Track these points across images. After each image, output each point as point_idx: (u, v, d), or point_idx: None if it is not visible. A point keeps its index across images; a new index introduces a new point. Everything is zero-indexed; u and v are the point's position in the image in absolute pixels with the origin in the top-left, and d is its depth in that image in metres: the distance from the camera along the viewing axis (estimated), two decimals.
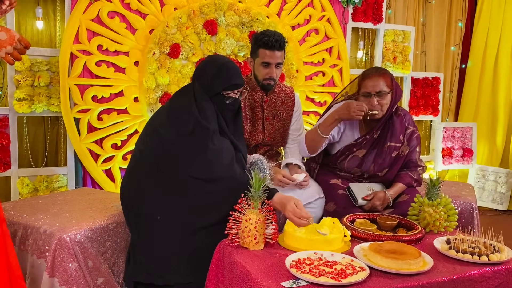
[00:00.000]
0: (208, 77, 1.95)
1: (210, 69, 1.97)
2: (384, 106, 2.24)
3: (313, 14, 3.75)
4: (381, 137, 2.33)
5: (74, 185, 3.14)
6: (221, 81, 1.94)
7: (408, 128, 2.36)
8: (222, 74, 1.95)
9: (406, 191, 2.29)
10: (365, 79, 2.27)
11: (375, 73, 2.25)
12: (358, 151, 2.34)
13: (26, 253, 1.90)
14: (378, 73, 2.26)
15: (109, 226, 2.00)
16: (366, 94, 2.24)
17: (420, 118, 4.53)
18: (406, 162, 2.37)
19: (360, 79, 2.32)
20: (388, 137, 2.31)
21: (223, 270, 1.67)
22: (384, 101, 2.23)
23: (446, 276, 1.49)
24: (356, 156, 2.34)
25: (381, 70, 2.30)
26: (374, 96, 2.21)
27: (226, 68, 1.97)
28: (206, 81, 1.95)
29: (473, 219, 2.68)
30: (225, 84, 1.95)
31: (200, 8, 3.28)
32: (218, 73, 1.95)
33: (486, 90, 4.65)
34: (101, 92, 3.10)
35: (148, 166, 1.92)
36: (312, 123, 3.82)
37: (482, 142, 4.72)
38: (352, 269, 1.46)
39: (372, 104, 2.21)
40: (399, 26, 4.30)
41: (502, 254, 1.64)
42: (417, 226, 1.90)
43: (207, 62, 2.03)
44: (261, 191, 1.68)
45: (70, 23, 2.97)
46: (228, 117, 2.03)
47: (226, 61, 2.01)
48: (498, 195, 4.48)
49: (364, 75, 2.30)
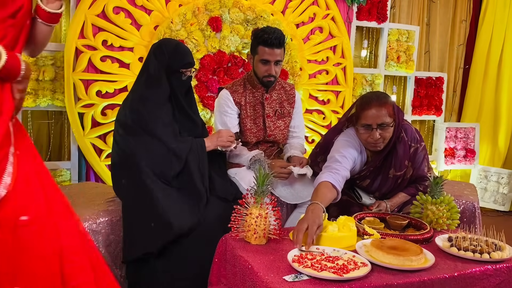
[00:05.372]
0: (166, 57, 2.11)
1: (168, 49, 2.13)
2: (387, 138, 2.05)
3: (317, 12, 3.75)
4: (384, 165, 2.18)
5: (77, 179, 3.15)
6: (179, 60, 2.13)
7: (411, 147, 2.16)
8: (179, 53, 2.14)
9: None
10: (365, 109, 2.03)
11: (376, 103, 2.01)
12: (361, 182, 2.25)
13: None
14: (379, 102, 2.01)
15: (113, 219, 2.02)
16: (367, 127, 2.03)
17: (423, 118, 4.53)
18: (416, 178, 2.23)
19: (359, 108, 2.07)
20: (392, 165, 2.16)
21: (225, 264, 1.68)
22: (387, 133, 2.03)
23: (448, 273, 1.49)
24: (360, 184, 2.28)
25: (382, 98, 2.04)
26: (376, 129, 2.01)
27: (182, 48, 2.18)
28: (165, 61, 2.11)
29: (475, 219, 2.68)
30: (182, 62, 2.13)
31: (205, 5, 3.29)
32: (175, 53, 2.13)
33: (490, 91, 4.64)
34: (106, 87, 3.11)
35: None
36: (315, 121, 3.83)
37: (485, 143, 4.71)
38: (354, 265, 1.47)
39: (374, 138, 2.01)
40: (403, 25, 4.30)
41: (503, 252, 1.64)
42: (426, 226, 1.87)
43: (163, 44, 2.18)
44: (265, 187, 1.69)
45: (75, 18, 2.98)
46: (182, 93, 2.20)
47: (179, 42, 2.26)
48: (500, 196, 4.47)
49: (364, 104, 2.05)
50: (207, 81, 3.37)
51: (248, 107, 2.51)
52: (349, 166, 2.09)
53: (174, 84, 2.14)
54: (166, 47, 2.14)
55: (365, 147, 2.14)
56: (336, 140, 2.20)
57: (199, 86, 3.34)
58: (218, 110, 2.52)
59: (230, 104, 2.48)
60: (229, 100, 2.48)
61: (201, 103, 3.36)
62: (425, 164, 2.22)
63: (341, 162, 2.04)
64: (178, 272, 1.94)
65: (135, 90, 2.16)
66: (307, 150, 3.19)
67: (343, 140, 2.17)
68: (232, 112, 2.49)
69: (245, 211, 1.70)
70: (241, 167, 2.41)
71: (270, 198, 1.75)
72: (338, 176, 1.99)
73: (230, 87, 2.52)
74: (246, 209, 1.70)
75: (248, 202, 1.71)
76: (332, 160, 2.07)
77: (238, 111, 2.50)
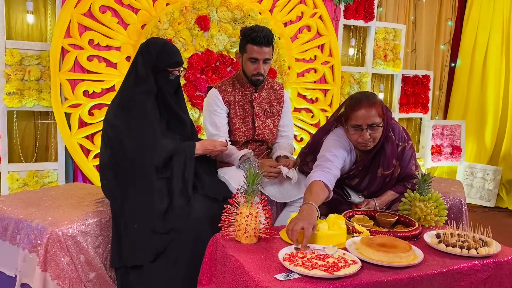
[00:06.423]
0: (153, 56, 2.10)
1: (155, 49, 2.12)
2: (377, 138, 2.07)
3: (305, 11, 3.76)
4: (373, 165, 2.19)
5: (64, 180, 3.12)
6: (166, 59, 2.11)
7: (399, 146, 2.18)
8: (166, 53, 2.13)
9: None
10: (354, 109, 2.03)
11: (366, 103, 2.02)
12: (350, 181, 2.26)
13: (18, 248, 1.89)
14: (368, 103, 2.02)
15: (102, 220, 2.00)
16: (357, 127, 2.04)
17: (410, 115, 4.57)
18: (404, 177, 2.25)
19: (348, 108, 2.08)
20: (380, 164, 2.18)
21: (216, 264, 1.68)
22: (377, 133, 2.04)
23: (436, 269, 1.51)
24: (349, 183, 2.30)
25: (372, 98, 2.05)
26: (366, 129, 2.02)
27: (169, 47, 2.16)
28: (152, 60, 2.10)
29: (462, 215, 2.72)
30: (169, 61, 2.12)
31: (193, 4, 3.28)
32: (162, 52, 2.11)
33: (475, 89, 4.71)
34: (93, 87, 3.08)
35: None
36: (303, 120, 3.84)
37: (471, 140, 4.78)
38: (345, 262, 1.48)
39: (365, 138, 2.03)
40: (390, 24, 4.34)
41: (490, 247, 1.67)
42: (415, 222, 1.89)
43: (150, 43, 2.16)
44: (255, 186, 1.69)
45: (61, 17, 2.95)
46: (170, 92, 2.19)
47: (167, 41, 2.23)
48: (486, 192, 4.54)
49: (353, 104, 2.05)
50: (196, 80, 3.36)
51: (237, 106, 2.51)
52: (340, 165, 2.10)
53: (162, 84, 2.12)
54: (153, 47, 2.13)
55: (354, 147, 2.15)
56: (326, 139, 2.21)
57: (187, 86, 3.33)
58: (207, 109, 2.52)
59: (219, 103, 2.47)
60: (218, 99, 2.47)
61: (189, 102, 3.35)
62: (413, 162, 2.24)
63: (332, 161, 2.05)
64: (168, 272, 1.94)
65: (123, 89, 2.15)
66: (296, 149, 3.20)
67: (333, 139, 2.18)
68: (221, 111, 2.48)
69: (235, 211, 1.70)
70: (231, 166, 2.41)
71: (260, 197, 1.75)
72: (330, 175, 2.00)
73: (219, 86, 2.52)
74: (236, 208, 1.70)
75: (238, 201, 1.71)
76: (323, 159, 2.08)
77: (227, 110, 2.50)
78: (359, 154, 2.20)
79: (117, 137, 2.04)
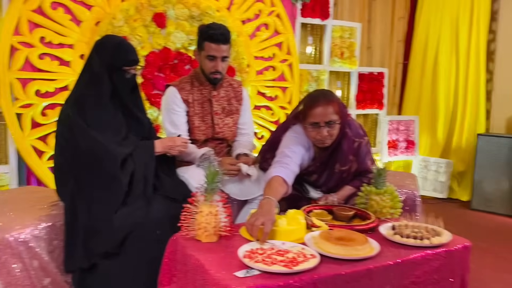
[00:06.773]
0: (109, 54, 2.04)
1: (110, 46, 2.07)
2: (334, 135, 2.11)
3: (262, 9, 3.78)
4: (331, 161, 2.23)
5: (17, 184, 3.00)
6: (122, 58, 2.06)
7: (355, 142, 2.22)
8: (122, 51, 2.08)
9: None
10: (312, 107, 2.07)
11: (323, 101, 2.06)
12: (309, 177, 2.30)
13: None
14: (325, 100, 2.07)
15: (56, 224, 1.93)
16: (315, 124, 2.08)
17: (367, 111, 4.69)
18: (360, 172, 2.29)
19: (306, 106, 2.12)
20: (337, 160, 2.22)
21: (176, 264, 1.66)
22: (334, 130, 2.09)
23: (392, 260, 1.56)
24: (308, 179, 2.34)
25: (329, 96, 2.12)
26: (324, 127, 2.06)
27: (125, 45, 2.12)
28: (107, 58, 2.04)
29: (416, 207, 2.82)
30: (125, 59, 2.07)
31: (149, 1, 3.22)
32: (118, 50, 2.07)
33: (427, 85, 4.89)
34: (45, 86, 2.97)
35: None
36: (264, 118, 3.87)
37: (424, 134, 4.96)
38: (304, 257, 1.50)
39: (322, 135, 2.07)
40: (346, 22, 4.43)
41: (442, 237, 1.74)
42: (371, 216, 1.93)
43: (105, 41, 2.12)
44: (214, 184, 1.69)
45: (9, 14, 2.82)
46: (127, 92, 2.13)
47: (122, 39, 2.19)
48: (439, 184, 4.73)
49: (311, 102, 2.10)
50: (153, 78, 3.30)
51: (195, 104, 2.49)
52: (298, 161, 2.13)
53: (117, 83, 2.07)
54: (108, 44, 2.08)
55: (313, 143, 2.19)
56: (285, 136, 2.23)
57: (145, 84, 3.27)
58: (165, 108, 2.49)
59: (178, 102, 2.45)
60: (176, 98, 2.45)
61: (147, 101, 3.29)
62: (369, 157, 2.29)
63: (291, 157, 2.08)
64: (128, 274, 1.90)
65: (77, 89, 2.09)
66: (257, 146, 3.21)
67: (292, 136, 2.20)
68: (179, 110, 2.46)
69: (195, 210, 1.69)
70: (190, 165, 2.39)
71: (220, 196, 1.75)
72: (288, 171, 2.02)
73: (177, 84, 2.49)
74: (196, 207, 1.69)
75: (198, 200, 1.70)
76: (282, 155, 2.11)
77: (186, 109, 2.48)
78: (317, 150, 2.23)
79: (72, 138, 1.98)
